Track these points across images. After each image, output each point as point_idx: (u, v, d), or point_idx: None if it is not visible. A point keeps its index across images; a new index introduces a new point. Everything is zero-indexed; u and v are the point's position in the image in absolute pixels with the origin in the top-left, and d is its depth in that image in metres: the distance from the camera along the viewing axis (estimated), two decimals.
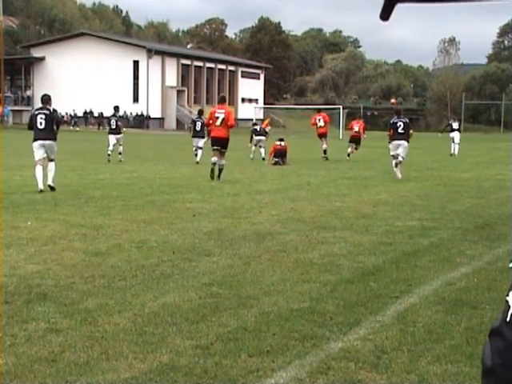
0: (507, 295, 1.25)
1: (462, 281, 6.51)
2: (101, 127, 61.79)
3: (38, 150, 13.48)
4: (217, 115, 16.19)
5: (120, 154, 22.55)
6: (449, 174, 19.37)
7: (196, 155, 22.94)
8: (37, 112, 13.71)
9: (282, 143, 23.69)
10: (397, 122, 17.89)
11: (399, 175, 17.58)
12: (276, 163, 22.84)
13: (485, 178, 18.35)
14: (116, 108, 23.87)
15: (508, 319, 1.21)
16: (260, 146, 25.71)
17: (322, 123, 25.92)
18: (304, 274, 6.68)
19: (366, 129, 28.46)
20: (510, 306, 1.23)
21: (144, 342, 4.62)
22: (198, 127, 23.37)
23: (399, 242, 8.48)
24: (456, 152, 29.91)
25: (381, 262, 7.32)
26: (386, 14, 1.20)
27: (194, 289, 6.04)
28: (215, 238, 8.60)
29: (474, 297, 5.91)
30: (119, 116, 24.40)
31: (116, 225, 9.46)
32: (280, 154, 23.35)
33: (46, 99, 13.91)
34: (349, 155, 25.80)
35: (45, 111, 13.58)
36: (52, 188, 13.36)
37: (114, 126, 22.75)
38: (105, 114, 64.14)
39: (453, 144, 30.62)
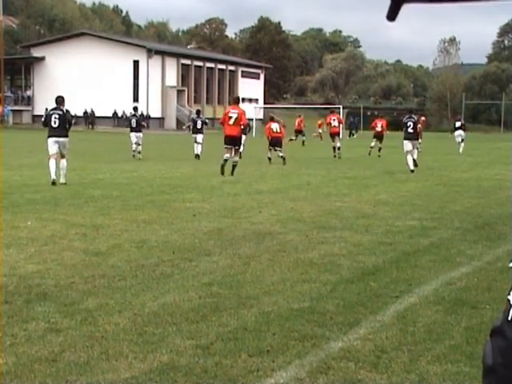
0: (509, 294, 1.25)
1: (462, 281, 6.51)
2: (91, 127, 61.91)
3: (53, 145, 14.80)
4: (230, 115, 17.69)
5: (139, 152, 24.25)
6: (449, 174, 19.37)
7: (196, 150, 25.12)
8: (51, 112, 15.01)
9: (278, 128, 23.55)
10: (407, 122, 20.06)
11: (411, 167, 19.47)
12: (269, 159, 22.80)
13: (485, 177, 18.35)
14: (135, 108, 26.62)
15: (509, 318, 1.21)
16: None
17: (336, 123, 27.94)
18: (304, 274, 6.67)
19: (388, 127, 30.95)
20: (511, 305, 1.23)
21: (144, 342, 4.62)
22: (199, 125, 25.75)
23: (399, 242, 8.47)
24: (461, 150, 31.42)
25: (381, 261, 7.31)
26: (392, 15, 1.20)
27: (194, 289, 6.04)
28: (215, 237, 8.60)
29: (474, 297, 5.91)
30: (140, 115, 27.13)
31: (116, 225, 9.46)
32: (276, 143, 23.22)
33: (59, 100, 15.14)
34: (378, 150, 28.16)
35: (59, 112, 14.90)
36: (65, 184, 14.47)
37: (134, 125, 24.75)
38: (104, 114, 64.35)
39: (458, 143, 32.53)
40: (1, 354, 4.36)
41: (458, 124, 33.75)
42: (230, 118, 17.59)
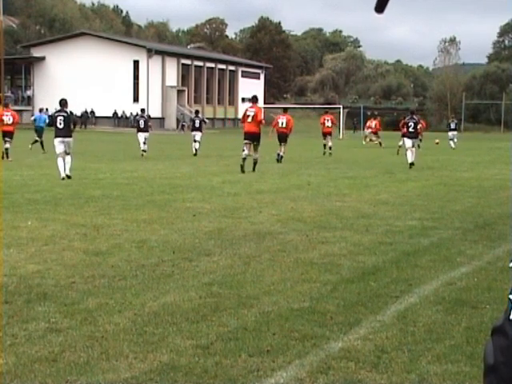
0: (510, 294, 1.24)
1: (463, 280, 6.50)
2: (84, 126, 61.93)
3: (59, 145, 15.99)
4: (248, 113, 19.05)
5: (145, 151, 25.65)
6: (449, 174, 19.36)
7: (194, 148, 26.88)
8: (56, 114, 16.23)
9: (284, 123, 23.55)
10: (408, 122, 21.94)
11: (410, 160, 20.92)
12: (278, 159, 22.80)
13: (485, 177, 18.34)
14: (142, 110, 28.55)
15: (511, 317, 1.21)
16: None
17: (329, 123, 29.66)
18: (304, 274, 6.67)
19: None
20: None
21: (144, 342, 4.62)
22: (197, 124, 27.86)
23: (399, 242, 8.47)
24: (453, 146, 35.30)
25: (381, 261, 7.31)
26: (380, 7, 1.20)
27: (194, 288, 6.04)
28: (215, 237, 8.60)
29: (474, 296, 5.90)
30: (147, 116, 29.33)
31: (116, 224, 9.45)
32: (282, 139, 23.26)
33: (63, 103, 16.25)
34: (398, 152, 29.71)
35: (63, 114, 16.03)
36: (69, 177, 15.71)
37: (142, 126, 26.60)
38: (104, 114, 64.33)
39: (451, 141, 36.16)
40: (1, 353, 4.36)
41: (452, 125, 36.96)
42: (248, 116, 18.92)
